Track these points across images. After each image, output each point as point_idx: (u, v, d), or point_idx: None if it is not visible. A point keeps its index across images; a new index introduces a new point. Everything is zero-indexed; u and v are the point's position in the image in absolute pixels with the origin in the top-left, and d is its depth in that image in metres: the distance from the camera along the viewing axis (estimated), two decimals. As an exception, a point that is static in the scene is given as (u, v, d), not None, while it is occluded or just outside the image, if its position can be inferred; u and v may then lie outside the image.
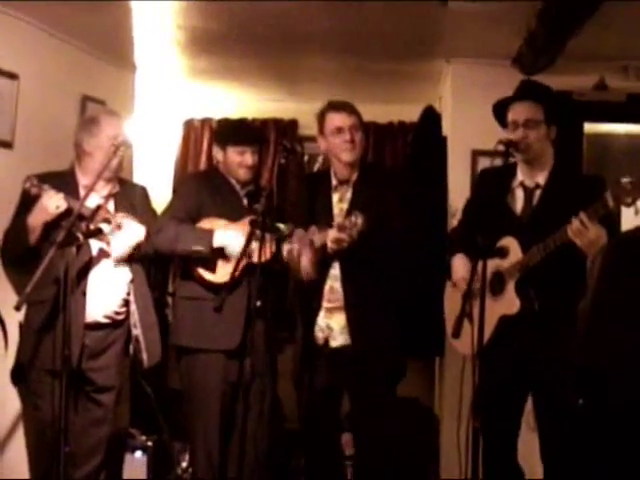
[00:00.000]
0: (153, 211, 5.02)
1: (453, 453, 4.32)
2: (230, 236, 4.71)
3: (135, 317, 4.72)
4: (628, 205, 3.69)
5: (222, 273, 4.70)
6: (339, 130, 4.58)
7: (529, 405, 4.38)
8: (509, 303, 4.14)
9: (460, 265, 4.44)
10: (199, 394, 4.84)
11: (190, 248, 4.70)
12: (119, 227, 4.60)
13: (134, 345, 4.75)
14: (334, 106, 4.63)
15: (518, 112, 4.25)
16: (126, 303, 4.72)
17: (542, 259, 4.03)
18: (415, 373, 6.53)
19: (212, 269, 4.75)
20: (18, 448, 4.97)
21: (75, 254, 4.20)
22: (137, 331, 4.73)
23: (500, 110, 4.36)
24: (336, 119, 4.60)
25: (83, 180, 4.68)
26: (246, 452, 4.49)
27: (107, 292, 4.64)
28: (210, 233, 4.71)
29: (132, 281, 4.72)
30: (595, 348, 3.96)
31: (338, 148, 4.61)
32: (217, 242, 4.70)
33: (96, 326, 4.61)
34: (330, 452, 4.84)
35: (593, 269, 3.66)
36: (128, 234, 4.65)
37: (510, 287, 4.16)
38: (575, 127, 6.05)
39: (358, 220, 4.24)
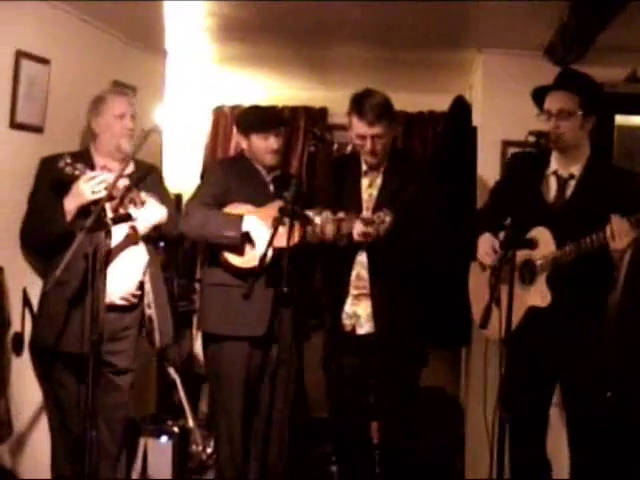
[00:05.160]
0: (167, 192, 5.05)
1: (478, 443, 4.32)
2: (257, 224, 4.71)
3: (150, 297, 4.71)
4: None
5: (249, 258, 4.71)
6: (362, 137, 4.57)
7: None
8: (540, 295, 4.11)
9: (485, 241, 4.37)
10: (224, 381, 4.86)
11: (220, 233, 4.71)
12: (142, 204, 4.56)
13: (147, 325, 4.73)
14: (359, 111, 4.54)
15: (552, 102, 4.20)
16: (141, 285, 4.70)
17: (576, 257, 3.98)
18: (441, 362, 6.56)
19: (240, 254, 4.76)
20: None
21: (104, 238, 4.15)
22: (150, 311, 4.71)
23: (539, 97, 4.29)
24: (359, 127, 4.56)
25: (99, 160, 4.67)
26: (271, 440, 4.51)
27: (126, 274, 4.60)
28: (239, 218, 4.71)
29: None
30: (623, 348, 3.95)
31: (361, 151, 4.62)
32: (246, 227, 4.71)
33: (112, 308, 4.53)
34: (359, 440, 4.86)
35: (622, 261, 3.64)
36: (151, 211, 4.62)
37: (541, 279, 4.11)
38: (606, 119, 6.01)
39: (386, 218, 4.25)
